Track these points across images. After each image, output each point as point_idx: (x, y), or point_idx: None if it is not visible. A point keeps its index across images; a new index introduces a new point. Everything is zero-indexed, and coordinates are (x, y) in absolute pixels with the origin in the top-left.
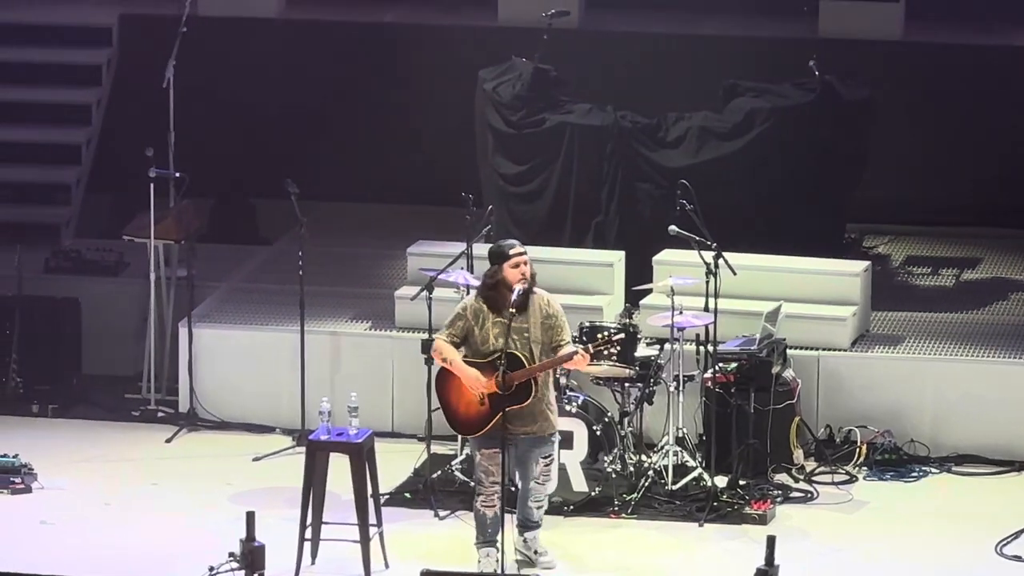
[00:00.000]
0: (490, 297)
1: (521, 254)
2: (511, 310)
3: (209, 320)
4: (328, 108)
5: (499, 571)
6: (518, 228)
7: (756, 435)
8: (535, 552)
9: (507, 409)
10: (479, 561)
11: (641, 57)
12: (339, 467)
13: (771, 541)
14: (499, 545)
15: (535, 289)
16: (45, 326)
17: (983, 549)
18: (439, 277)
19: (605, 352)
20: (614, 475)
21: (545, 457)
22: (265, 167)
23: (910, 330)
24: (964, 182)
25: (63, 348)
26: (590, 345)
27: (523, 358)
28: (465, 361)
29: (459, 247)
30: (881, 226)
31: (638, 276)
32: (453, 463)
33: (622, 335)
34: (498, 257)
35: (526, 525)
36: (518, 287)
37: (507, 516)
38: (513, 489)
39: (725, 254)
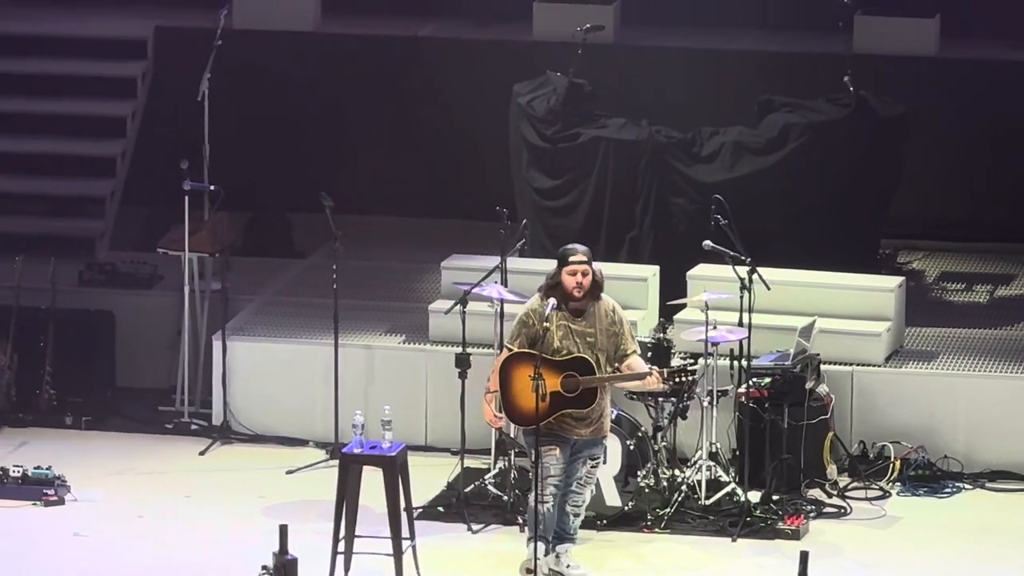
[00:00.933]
0: (547, 295)
1: (582, 262)
2: (577, 316)
3: (243, 333)
4: (363, 121)
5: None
6: (552, 242)
7: (789, 450)
8: (567, 567)
9: (567, 410)
10: (552, 561)
11: (676, 72)
12: (372, 481)
13: (804, 556)
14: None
15: (602, 296)
16: (79, 339)
17: (1016, 565)
18: (473, 291)
19: (676, 380)
20: (647, 490)
21: (593, 459)
22: (300, 180)
23: (944, 346)
24: (998, 198)
25: (97, 361)
26: (664, 370)
27: (594, 363)
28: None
29: (493, 261)
30: (915, 242)
31: (672, 291)
32: (486, 477)
33: (696, 367)
34: (560, 260)
35: (561, 536)
36: (579, 290)
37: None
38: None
39: (759, 269)
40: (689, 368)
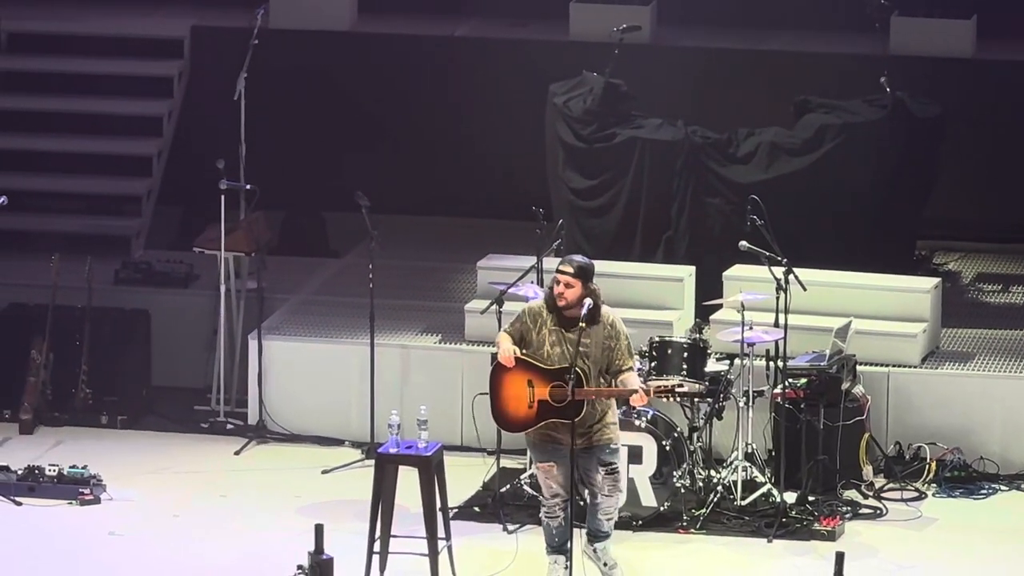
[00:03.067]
0: (548, 298)
1: (566, 273)
2: (582, 324)
3: (279, 332)
4: (399, 121)
5: None
6: (588, 242)
7: (825, 451)
8: (605, 564)
9: (551, 420)
10: (549, 568)
11: (712, 72)
12: (408, 480)
13: (840, 557)
14: (569, 553)
15: (605, 309)
16: (115, 338)
17: None
18: (509, 291)
19: (667, 399)
20: (683, 490)
21: (605, 466)
22: (336, 180)
23: (980, 347)
24: None
25: (132, 360)
26: (651, 388)
27: (583, 375)
28: (528, 357)
29: (529, 261)
30: (952, 243)
31: (708, 291)
32: (522, 477)
33: (684, 388)
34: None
35: (596, 536)
36: (561, 299)
37: (576, 530)
38: (582, 503)
39: (795, 270)
40: (676, 389)
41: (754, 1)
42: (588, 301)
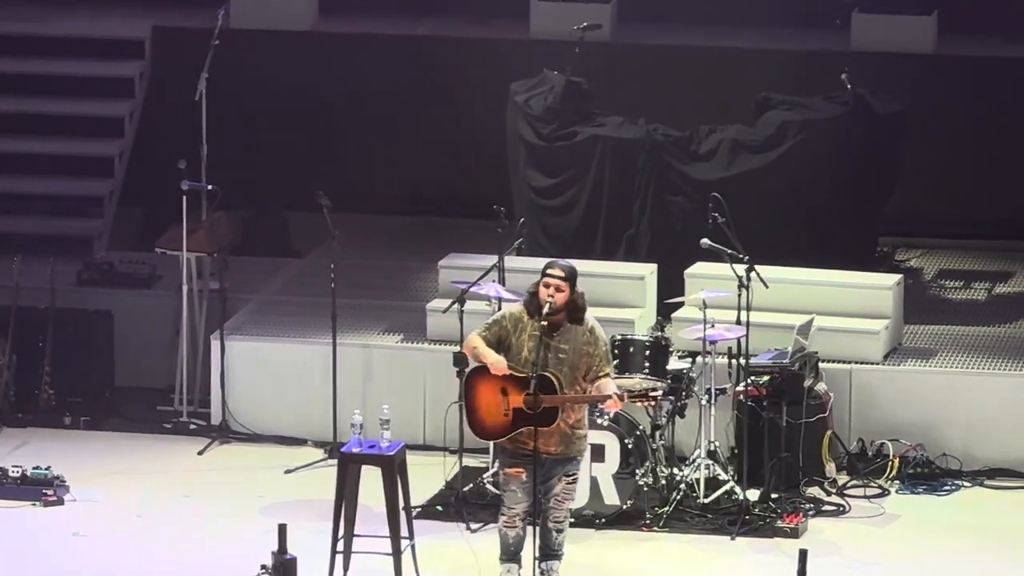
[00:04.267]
0: (528, 303)
1: (558, 277)
2: (543, 322)
3: (241, 333)
4: (360, 120)
5: None
6: (550, 241)
7: (788, 448)
8: None
9: (527, 428)
10: (501, 575)
11: (673, 70)
12: (371, 480)
13: (803, 555)
14: (522, 561)
15: (586, 317)
16: (78, 338)
17: (1015, 563)
18: (471, 290)
19: (639, 403)
20: (646, 488)
21: (568, 476)
22: (297, 179)
23: (942, 344)
24: (996, 195)
25: (96, 360)
26: (626, 394)
27: (555, 381)
28: None
29: (491, 260)
30: (913, 239)
31: (670, 289)
32: (485, 476)
33: (659, 393)
34: (542, 271)
35: (545, 553)
36: (547, 303)
37: (531, 529)
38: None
39: (757, 267)
40: (651, 391)
41: None
42: (547, 304)
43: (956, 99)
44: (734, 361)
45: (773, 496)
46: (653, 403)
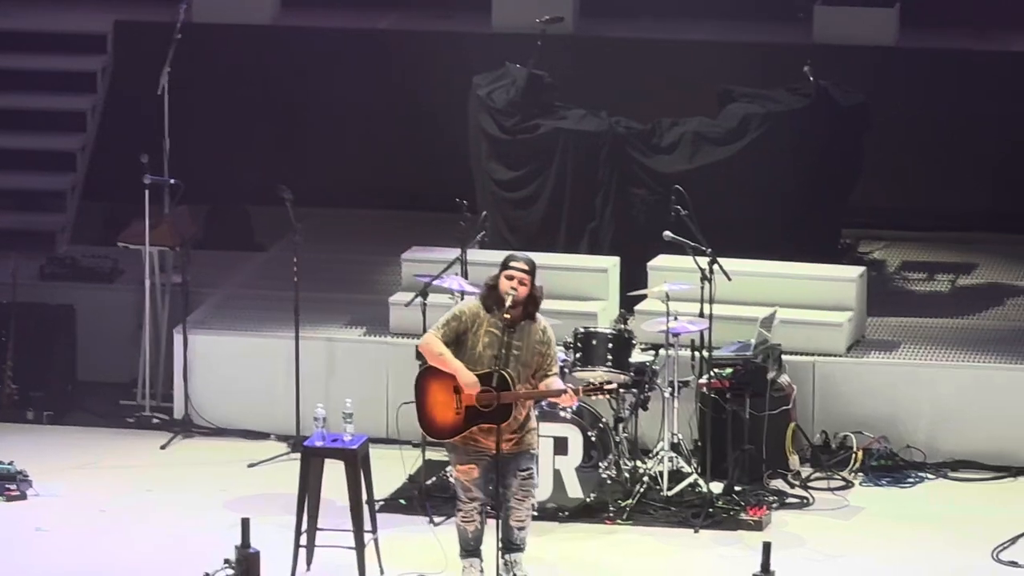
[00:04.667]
0: (485, 298)
1: (522, 270)
2: (505, 316)
3: (204, 326)
4: (322, 114)
5: None
6: (512, 234)
7: (752, 441)
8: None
9: (480, 425)
10: (463, 571)
11: (635, 63)
12: (334, 473)
13: (767, 547)
14: (482, 555)
15: (537, 316)
16: (40, 333)
17: (979, 555)
18: (433, 283)
19: (595, 396)
20: (609, 481)
21: (523, 471)
22: (260, 173)
23: (906, 336)
24: (959, 187)
25: (58, 355)
26: (580, 388)
27: (510, 378)
28: None
29: (453, 253)
30: (876, 231)
31: (633, 282)
32: (448, 469)
33: (613, 385)
34: (502, 264)
35: (507, 546)
36: (509, 296)
37: (491, 524)
38: (491, 509)
39: (720, 260)
40: (605, 386)
41: None
42: (509, 296)
43: (918, 91)
44: (697, 354)
45: (737, 489)
46: (608, 395)
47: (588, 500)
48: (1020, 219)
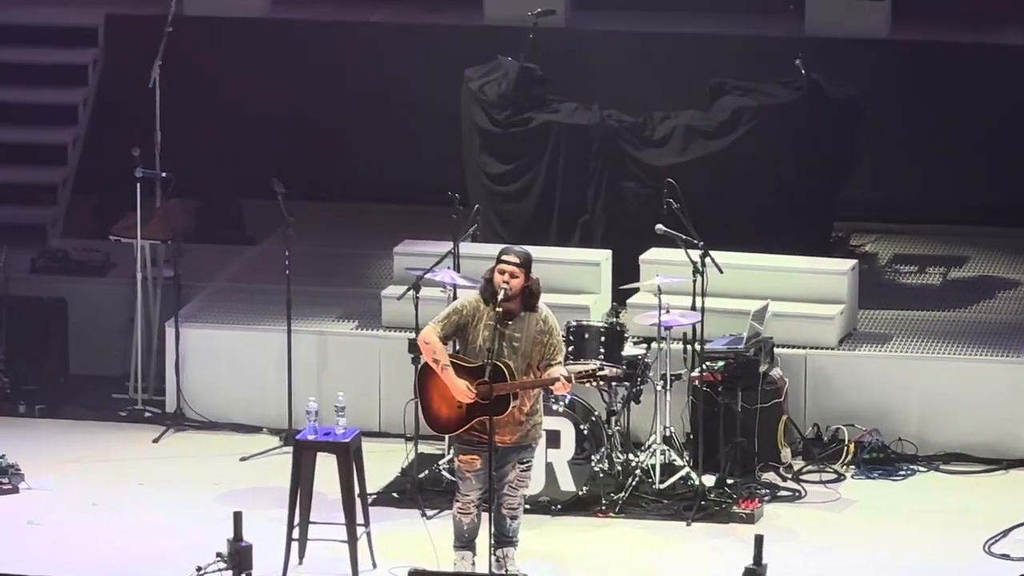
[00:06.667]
0: (483, 291)
1: (512, 263)
2: (497, 309)
3: (196, 320)
4: (314, 107)
5: (476, 572)
6: (504, 227)
7: (743, 434)
8: (506, 571)
9: (481, 417)
10: (455, 563)
11: (627, 56)
12: (326, 467)
13: (759, 540)
14: (476, 548)
15: (538, 306)
16: (32, 326)
17: (971, 548)
18: (425, 276)
19: (588, 383)
20: (601, 474)
21: (523, 463)
22: (251, 167)
23: (897, 328)
24: (951, 180)
25: (50, 348)
26: (572, 375)
27: (506, 370)
28: (452, 359)
29: (445, 246)
30: (868, 224)
31: (625, 275)
32: (440, 463)
33: (605, 372)
34: (496, 258)
35: (499, 539)
36: (501, 290)
37: (486, 516)
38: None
39: (712, 253)
40: (597, 373)
41: None
42: (501, 290)
43: (911, 84)
44: (689, 347)
45: (729, 482)
46: (600, 383)
47: (580, 493)
48: (1012, 212)
